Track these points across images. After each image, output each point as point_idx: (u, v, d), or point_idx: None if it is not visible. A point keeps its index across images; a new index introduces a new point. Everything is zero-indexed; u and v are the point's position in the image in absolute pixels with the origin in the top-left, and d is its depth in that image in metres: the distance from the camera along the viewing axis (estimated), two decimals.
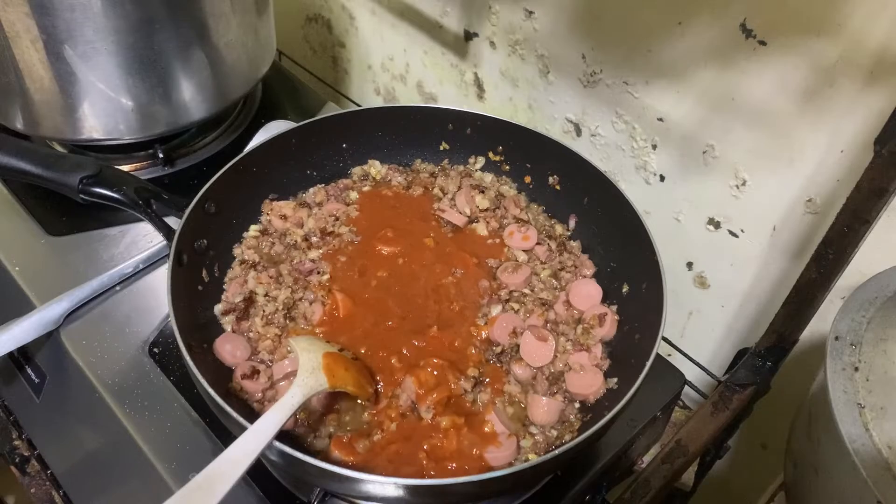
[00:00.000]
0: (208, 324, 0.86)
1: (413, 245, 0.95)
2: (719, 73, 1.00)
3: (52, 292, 0.95)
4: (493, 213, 1.00)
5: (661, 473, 0.91)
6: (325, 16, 1.68)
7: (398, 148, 1.07)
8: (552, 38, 1.20)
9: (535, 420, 0.79)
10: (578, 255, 0.96)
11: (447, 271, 0.92)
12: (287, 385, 0.78)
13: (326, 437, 0.77)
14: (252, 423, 0.66)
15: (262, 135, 1.17)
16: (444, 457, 0.75)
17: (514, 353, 0.84)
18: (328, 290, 0.89)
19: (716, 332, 1.22)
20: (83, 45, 0.97)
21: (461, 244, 0.96)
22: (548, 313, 0.87)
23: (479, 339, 0.86)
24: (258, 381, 0.80)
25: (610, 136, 1.20)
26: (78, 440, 1.02)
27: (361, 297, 0.88)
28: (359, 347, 0.84)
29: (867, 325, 0.80)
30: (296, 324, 0.86)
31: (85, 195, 0.87)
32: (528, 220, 0.99)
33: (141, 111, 1.06)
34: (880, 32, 0.83)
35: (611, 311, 0.87)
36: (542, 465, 0.68)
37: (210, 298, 0.88)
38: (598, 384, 0.81)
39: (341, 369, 0.77)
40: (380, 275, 0.91)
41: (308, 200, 1.01)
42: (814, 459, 0.81)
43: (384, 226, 0.97)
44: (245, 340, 0.84)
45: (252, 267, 0.91)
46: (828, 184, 0.96)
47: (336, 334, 0.85)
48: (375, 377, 0.82)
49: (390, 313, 0.87)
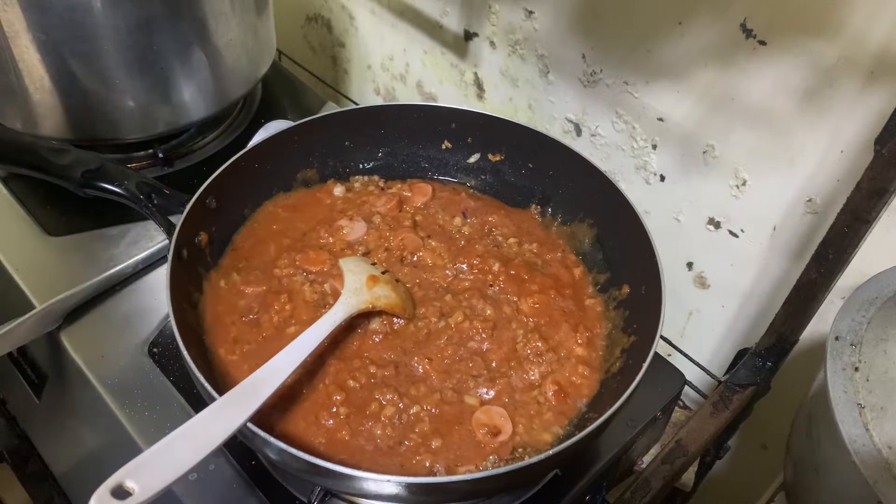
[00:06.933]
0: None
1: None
2: (719, 73, 1.00)
3: (52, 292, 0.95)
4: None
5: (661, 474, 0.91)
6: (325, 16, 1.68)
7: (401, 146, 1.07)
8: (552, 38, 1.20)
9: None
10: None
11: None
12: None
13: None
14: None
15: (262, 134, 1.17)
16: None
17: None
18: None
19: (716, 332, 1.22)
20: (83, 45, 0.97)
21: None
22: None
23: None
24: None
25: (610, 136, 1.20)
26: (78, 440, 1.02)
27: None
28: None
29: (867, 325, 0.80)
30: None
31: (86, 189, 0.88)
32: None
33: (141, 111, 1.06)
34: (880, 32, 0.83)
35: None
36: (541, 464, 0.68)
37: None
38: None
39: (384, 290, 0.83)
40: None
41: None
42: (814, 459, 0.81)
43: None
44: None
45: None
46: (828, 184, 0.96)
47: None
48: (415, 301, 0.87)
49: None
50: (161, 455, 0.61)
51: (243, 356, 0.83)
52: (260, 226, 0.98)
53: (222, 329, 0.85)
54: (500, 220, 1.01)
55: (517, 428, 0.79)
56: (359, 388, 0.80)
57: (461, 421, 0.79)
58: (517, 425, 0.79)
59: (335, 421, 0.77)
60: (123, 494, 0.56)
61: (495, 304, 0.90)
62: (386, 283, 0.86)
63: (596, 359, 0.86)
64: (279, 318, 0.86)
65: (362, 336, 0.85)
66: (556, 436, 0.79)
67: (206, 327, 0.85)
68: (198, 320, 0.85)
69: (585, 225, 0.98)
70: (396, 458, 0.75)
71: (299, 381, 0.79)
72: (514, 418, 0.79)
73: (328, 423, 0.77)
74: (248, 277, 0.90)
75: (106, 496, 0.55)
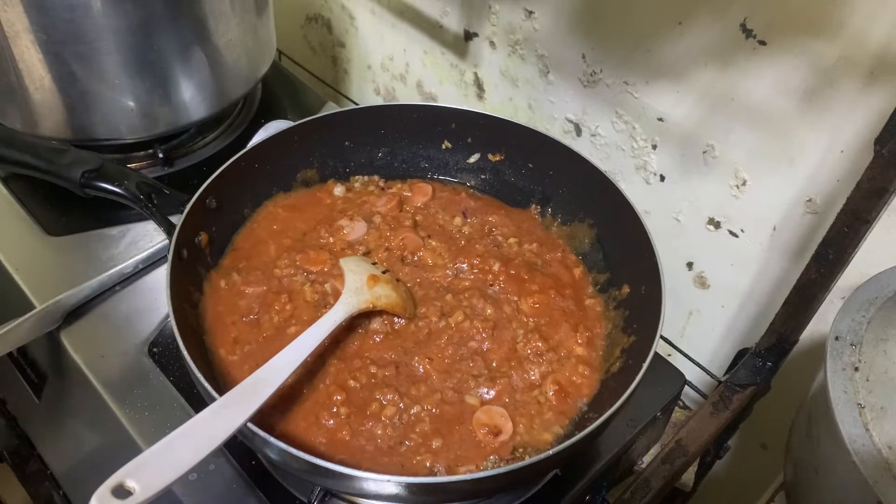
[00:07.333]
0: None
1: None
2: (719, 73, 1.00)
3: (52, 292, 0.95)
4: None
5: (661, 474, 0.91)
6: (325, 16, 1.68)
7: (401, 146, 1.07)
8: (552, 38, 1.20)
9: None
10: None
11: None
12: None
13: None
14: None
15: (262, 135, 1.17)
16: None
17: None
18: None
19: (716, 332, 1.22)
20: (83, 45, 0.97)
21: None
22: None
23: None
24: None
25: (610, 136, 1.20)
26: (78, 440, 1.02)
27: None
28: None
29: (867, 325, 0.80)
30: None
31: (86, 189, 0.88)
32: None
33: (141, 111, 1.06)
34: (880, 32, 0.83)
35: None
36: (541, 464, 0.68)
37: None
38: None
39: (384, 290, 0.83)
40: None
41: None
42: (814, 459, 0.81)
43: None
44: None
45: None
46: (828, 184, 0.96)
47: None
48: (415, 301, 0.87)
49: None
50: (161, 455, 0.61)
51: (244, 356, 0.83)
52: (260, 226, 0.98)
53: (222, 329, 0.85)
54: (500, 220, 1.01)
55: (518, 428, 0.79)
56: (359, 388, 0.80)
57: (462, 421, 0.79)
58: (518, 425, 0.79)
59: (335, 421, 0.77)
60: (124, 494, 0.56)
61: (495, 303, 0.90)
62: (386, 283, 0.86)
63: (596, 359, 0.86)
64: (279, 318, 0.86)
65: (363, 336, 0.85)
66: (557, 435, 0.79)
67: (206, 327, 0.85)
68: (198, 320, 0.85)
69: (585, 225, 0.98)
70: (397, 458, 0.75)
71: (300, 381, 0.79)
72: (514, 418, 0.79)
73: (328, 423, 0.77)
74: (248, 277, 0.90)
75: (107, 495, 0.55)
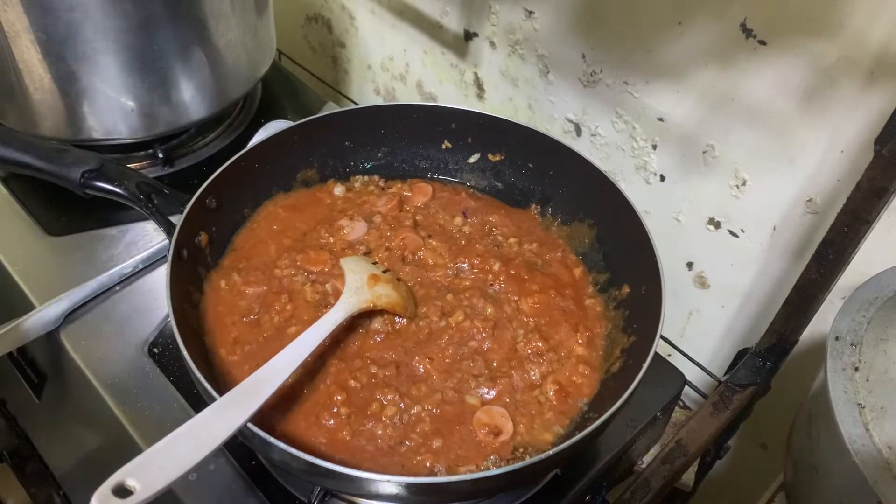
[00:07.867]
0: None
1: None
2: (719, 73, 1.00)
3: (52, 292, 0.95)
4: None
5: (661, 474, 0.91)
6: (325, 16, 1.68)
7: (401, 146, 1.07)
8: (552, 38, 1.20)
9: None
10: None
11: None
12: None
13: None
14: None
15: (262, 135, 1.17)
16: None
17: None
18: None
19: (716, 332, 1.22)
20: (83, 45, 0.97)
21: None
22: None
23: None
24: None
25: (610, 136, 1.20)
26: (78, 440, 1.02)
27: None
28: None
29: (867, 325, 0.80)
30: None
31: (86, 189, 0.88)
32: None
33: (141, 111, 1.06)
34: (880, 32, 0.83)
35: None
36: (542, 464, 0.68)
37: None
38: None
39: (385, 289, 0.83)
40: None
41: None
42: (814, 459, 0.81)
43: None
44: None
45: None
46: (828, 184, 0.96)
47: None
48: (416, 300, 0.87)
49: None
50: (162, 454, 0.61)
51: (244, 356, 0.83)
52: (260, 226, 0.98)
53: (223, 329, 0.85)
54: (500, 220, 1.01)
55: (518, 428, 0.79)
56: (360, 387, 0.80)
57: (462, 421, 0.79)
58: (518, 425, 0.79)
59: (336, 421, 0.77)
60: (125, 493, 0.56)
61: (496, 303, 0.90)
62: (387, 283, 0.86)
63: (596, 358, 0.86)
64: (280, 318, 0.86)
65: (363, 336, 0.85)
66: (557, 435, 0.79)
67: (206, 327, 0.85)
68: (198, 320, 0.85)
69: (585, 225, 0.98)
70: (397, 458, 0.75)
71: (300, 381, 0.79)
72: (514, 418, 0.79)
73: (329, 423, 0.77)
74: (248, 277, 0.90)
75: (107, 494, 0.55)
